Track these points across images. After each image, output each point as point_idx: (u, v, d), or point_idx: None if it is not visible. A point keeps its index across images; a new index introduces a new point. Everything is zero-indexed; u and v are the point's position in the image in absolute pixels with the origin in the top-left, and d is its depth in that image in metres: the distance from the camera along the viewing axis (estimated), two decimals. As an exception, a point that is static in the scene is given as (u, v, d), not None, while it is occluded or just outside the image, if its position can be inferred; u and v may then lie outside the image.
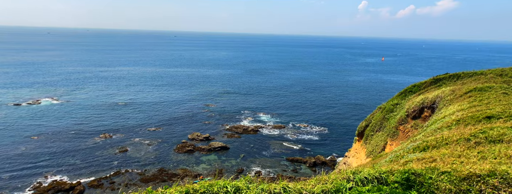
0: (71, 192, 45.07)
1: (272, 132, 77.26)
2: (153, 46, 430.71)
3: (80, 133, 70.83)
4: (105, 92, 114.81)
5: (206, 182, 8.71)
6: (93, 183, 47.89)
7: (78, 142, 65.04)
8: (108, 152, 60.58)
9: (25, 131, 70.10)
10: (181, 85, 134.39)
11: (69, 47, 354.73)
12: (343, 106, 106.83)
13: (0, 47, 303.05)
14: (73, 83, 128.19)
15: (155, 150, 62.94)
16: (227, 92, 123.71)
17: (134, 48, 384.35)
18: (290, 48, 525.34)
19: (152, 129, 75.64)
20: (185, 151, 62.32)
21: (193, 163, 57.62)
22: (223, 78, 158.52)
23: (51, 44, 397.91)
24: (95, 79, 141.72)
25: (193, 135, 70.79)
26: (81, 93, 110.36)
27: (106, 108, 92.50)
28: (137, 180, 49.85)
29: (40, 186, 46.27)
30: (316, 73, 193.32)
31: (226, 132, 75.78)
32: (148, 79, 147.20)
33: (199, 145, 65.89)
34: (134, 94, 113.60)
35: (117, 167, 54.35)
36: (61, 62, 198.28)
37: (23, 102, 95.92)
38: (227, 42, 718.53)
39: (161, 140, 68.33)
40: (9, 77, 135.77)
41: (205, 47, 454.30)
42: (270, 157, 61.76)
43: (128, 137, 69.23)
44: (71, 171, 52.11)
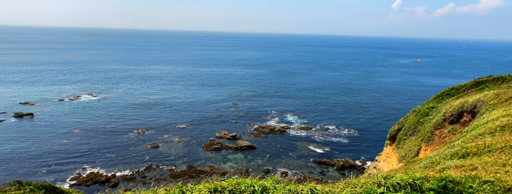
0: (106, 184, 47.80)
1: (299, 133, 76.48)
2: (185, 46, 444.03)
3: (115, 128, 74.80)
4: (139, 90, 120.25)
5: (233, 180, 8.85)
6: (126, 177, 50.41)
7: (114, 137, 68.74)
8: (141, 147, 63.41)
9: (67, 125, 75.37)
10: (210, 85, 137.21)
11: (109, 46, 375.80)
12: (374, 108, 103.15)
13: (44, 46, 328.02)
14: (110, 81, 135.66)
15: (184, 147, 64.85)
16: (254, 92, 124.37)
17: (167, 48, 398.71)
18: (319, 48, 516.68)
19: (181, 126, 78.02)
20: (213, 149, 63.58)
21: (220, 161, 58.64)
22: (251, 78, 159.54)
23: (94, 43, 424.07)
24: (130, 77, 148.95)
25: (220, 133, 72.02)
26: (117, 91, 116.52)
27: (139, 105, 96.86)
28: (167, 175, 51.71)
29: (79, 177, 49.56)
30: (346, 74, 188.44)
31: (253, 131, 76.20)
32: (179, 79, 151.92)
33: (226, 143, 66.89)
34: (165, 92, 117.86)
35: (149, 162, 56.73)
36: (100, 61, 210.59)
37: (66, 97, 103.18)
38: (255, 42, 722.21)
39: (190, 138, 70.25)
40: (54, 75, 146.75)
41: (234, 47, 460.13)
42: (296, 158, 61.20)
43: (159, 134, 71.98)
44: (107, 164, 55.23)
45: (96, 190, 45.77)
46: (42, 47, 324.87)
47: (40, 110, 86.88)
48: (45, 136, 67.49)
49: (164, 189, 8.48)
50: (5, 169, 51.81)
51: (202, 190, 8.14)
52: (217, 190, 8.09)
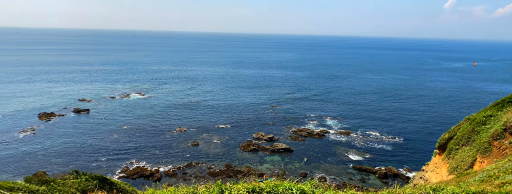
0: (150, 178, 50.74)
1: (338, 137, 74.19)
2: (223, 48, 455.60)
3: (160, 125, 79.15)
4: (182, 90, 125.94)
5: (271, 182, 8.90)
6: (168, 172, 53.03)
7: (158, 134, 72.78)
8: (182, 145, 66.30)
9: (117, 121, 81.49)
10: (248, 86, 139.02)
11: (153, 48, 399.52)
12: (423, 115, 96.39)
13: (94, 48, 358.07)
14: (156, 82, 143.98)
15: (223, 146, 66.45)
16: (293, 94, 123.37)
17: (207, 49, 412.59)
18: (360, 50, 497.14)
19: (220, 126, 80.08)
20: (250, 150, 64.26)
21: (257, 162, 59.06)
22: (289, 81, 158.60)
23: (139, 45, 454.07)
24: (174, 78, 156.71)
25: (257, 135, 72.55)
26: (162, 91, 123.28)
27: (182, 105, 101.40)
28: (206, 173, 53.41)
29: (127, 170, 53.25)
30: (391, 78, 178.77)
31: (291, 134, 75.59)
32: (219, 80, 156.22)
33: (263, 145, 67.20)
34: (206, 93, 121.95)
35: (189, 159, 59.09)
36: (147, 62, 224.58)
37: (117, 95, 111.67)
38: (292, 44, 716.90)
39: (228, 137, 71.80)
40: (107, 74, 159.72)
41: (272, 49, 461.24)
42: (335, 164, 59.42)
43: (200, 132, 74.63)
44: (151, 159, 58.63)
45: (141, 183, 48.80)
46: (92, 48, 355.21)
47: (95, 106, 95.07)
48: (98, 131, 73.69)
49: (204, 186, 8.81)
50: (65, 159, 57.49)
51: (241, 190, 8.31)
52: (255, 191, 8.20)
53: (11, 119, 79.56)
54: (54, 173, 48.83)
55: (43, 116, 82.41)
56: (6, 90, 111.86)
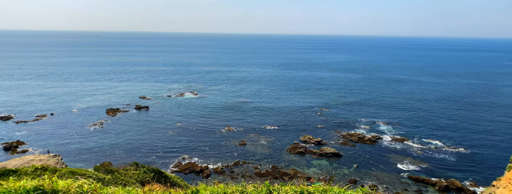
0: (200, 174, 53.18)
1: (392, 144, 69.45)
2: (273, 49, 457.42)
3: (210, 124, 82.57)
4: (231, 91, 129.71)
5: (320, 187, 8.70)
6: (217, 169, 55.05)
7: (208, 132, 76.00)
8: (230, 143, 68.26)
9: (172, 118, 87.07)
10: (297, 88, 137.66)
11: (207, 49, 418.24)
12: (496, 125, 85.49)
13: (155, 50, 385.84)
14: (208, 82, 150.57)
15: (269, 147, 66.79)
16: (344, 98, 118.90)
17: (258, 50, 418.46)
18: (419, 52, 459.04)
19: (267, 127, 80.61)
20: (297, 152, 63.53)
21: (303, 165, 58.16)
22: (340, 83, 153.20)
23: (195, 46, 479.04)
24: (224, 79, 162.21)
25: (305, 137, 71.40)
26: (213, 90, 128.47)
27: (231, 104, 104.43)
28: (252, 173, 54.23)
29: (180, 165, 56.59)
30: (457, 83, 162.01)
31: (340, 138, 72.92)
32: (268, 81, 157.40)
33: (310, 148, 65.93)
34: (254, 94, 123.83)
35: (237, 158, 60.58)
36: (201, 64, 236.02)
37: (173, 94, 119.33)
38: (344, 44, 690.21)
39: (275, 139, 71.92)
40: (165, 74, 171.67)
41: (322, 50, 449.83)
42: (388, 172, 55.73)
43: (247, 132, 76.05)
44: (201, 156, 61.46)
45: (192, 178, 51.43)
46: (153, 50, 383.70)
47: (154, 104, 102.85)
48: (155, 127, 79.57)
49: (252, 186, 8.97)
50: (127, 152, 63.21)
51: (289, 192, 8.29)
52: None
53: (84, 114, 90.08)
54: (118, 164, 53.95)
55: (110, 112, 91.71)
56: (82, 89, 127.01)
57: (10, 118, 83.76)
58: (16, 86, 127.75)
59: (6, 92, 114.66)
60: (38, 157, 51.47)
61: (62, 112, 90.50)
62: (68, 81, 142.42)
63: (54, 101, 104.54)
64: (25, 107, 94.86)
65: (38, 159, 48.95)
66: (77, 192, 7.80)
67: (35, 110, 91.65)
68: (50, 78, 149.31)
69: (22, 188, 7.45)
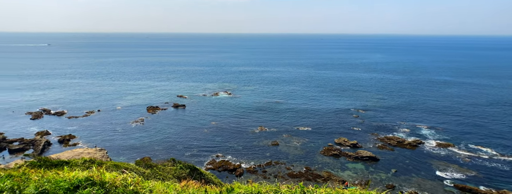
0: (233, 172, 54.09)
1: (435, 150, 65.05)
2: (303, 49, 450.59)
3: (243, 123, 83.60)
4: (265, 91, 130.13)
5: (356, 191, 8.42)
6: (249, 169, 55.59)
7: (241, 131, 77.00)
8: (263, 143, 68.55)
9: (207, 117, 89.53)
10: (332, 89, 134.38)
11: (240, 50, 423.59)
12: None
13: (191, 50, 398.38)
14: (242, 82, 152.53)
15: (302, 148, 65.97)
16: (382, 99, 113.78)
17: (287, 50, 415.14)
18: (466, 51, 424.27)
19: (301, 128, 79.66)
20: (331, 155, 62.04)
21: (337, 168, 56.66)
22: (378, 84, 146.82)
23: (229, 47, 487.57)
24: (258, 79, 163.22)
25: (339, 140, 69.48)
26: (247, 90, 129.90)
27: (264, 104, 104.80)
28: (284, 174, 53.98)
29: (214, 162, 58.04)
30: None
31: (377, 142, 69.89)
32: (301, 81, 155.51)
33: (345, 151, 64.01)
34: (287, 94, 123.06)
35: (269, 158, 60.68)
36: (235, 64, 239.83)
37: (208, 93, 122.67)
38: (380, 44, 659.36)
39: (308, 140, 70.86)
40: (200, 74, 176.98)
41: (357, 50, 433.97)
42: (430, 179, 52.31)
43: (280, 133, 75.82)
44: (235, 154, 62.46)
45: (225, 176, 52.48)
46: (189, 50, 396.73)
47: (190, 102, 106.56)
48: (191, 125, 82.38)
49: (286, 186, 8.93)
50: (165, 148, 66.21)
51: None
52: (339, 198, 7.90)
53: (127, 111, 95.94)
54: (156, 159, 56.72)
55: (150, 109, 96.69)
56: (125, 87, 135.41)
57: (63, 113, 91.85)
58: (69, 84, 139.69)
59: (60, 90, 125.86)
60: (86, 150, 55.76)
61: (107, 109, 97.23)
62: (113, 80, 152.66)
63: (101, 98, 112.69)
64: (76, 104, 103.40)
65: (86, 152, 52.98)
66: (122, 184, 8.34)
67: (85, 107, 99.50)
68: (98, 77, 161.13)
69: (76, 178, 8.14)
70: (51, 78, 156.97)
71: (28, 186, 7.75)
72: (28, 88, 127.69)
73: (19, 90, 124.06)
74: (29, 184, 7.90)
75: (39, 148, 62.87)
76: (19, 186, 7.70)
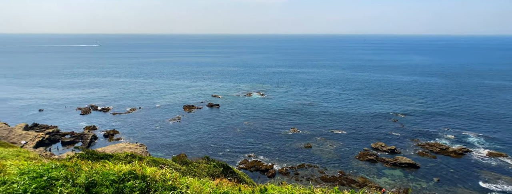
0: (265, 173, 54.20)
1: (485, 159, 59.76)
2: (342, 50, 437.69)
3: (275, 124, 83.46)
4: (298, 92, 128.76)
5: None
6: (282, 170, 55.33)
7: (274, 132, 76.92)
8: (295, 145, 67.85)
9: (240, 117, 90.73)
10: (368, 91, 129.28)
11: (274, 50, 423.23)
12: None
13: (226, 51, 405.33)
14: (275, 83, 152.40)
15: (337, 152, 64.23)
16: (423, 104, 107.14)
17: (325, 51, 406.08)
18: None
19: (335, 131, 77.61)
20: (367, 160, 59.67)
21: (374, 174, 54.33)
22: (420, 88, 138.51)
23: (262, 48, 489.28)
24: (291, 80, 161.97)
25: (376, 144, 66.56)
26: (280, 91, 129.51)
27: (297, 106, 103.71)
28: (317, 177, 52.95)
29: (246, 162, 58.64)
30: None
31: (417, 148, 65.89)
32: (336, 83, 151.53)
33: (382, 156, 61.18)
34: (322, 96, 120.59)
35: (302, 160, 59.91)
36: (268, 65, 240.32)
37: (241, 94, 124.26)
38: (419, 45, 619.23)
39: (343, 144, 68.82)
40: (234, 74, 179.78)
41: (396, 51, 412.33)
42: (478, 191, 48.16)
43: (313, 135, 74.52)
44: (267, 155, 62.58)
45: (257, 176, 52.77)
46: (224, 51, 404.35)
47: (224, 102, 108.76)
48: (225, 124, 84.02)
49: (320, 190, 8.77)
50: (199, 145, 68.26)
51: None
52: (376, 205, 7.61)
53: (165, 109, 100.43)
54: (191, 156, 58.66)
55: (186, 108, 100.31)
56: (164, 86, 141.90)
57: (108, 109, 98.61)
58: (114, 83, 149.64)
59: (106, 88, 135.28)
60: (128, 145, 59.24)
61: (148, 107, 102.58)
62: (153, 80, 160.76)
63: (143, 96, 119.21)
64: (120, 101, 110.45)
65: (128, 147, 56.30)
66: (161, 179, 8.76)
67: (128, 104, 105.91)
68: (140, 77, 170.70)
69: (120, 171, 8.71)
70: (99, 76, 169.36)
71: (79, 176, 8.45)
72: (79, 86, 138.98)
73: (71, 87, 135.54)
74: (80, 174, 8.61)
75: (87, 141, 68.12)
76: (72, 176, 8.43)
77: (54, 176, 8.27)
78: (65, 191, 7.65)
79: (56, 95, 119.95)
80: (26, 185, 7.67)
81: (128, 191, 7.87)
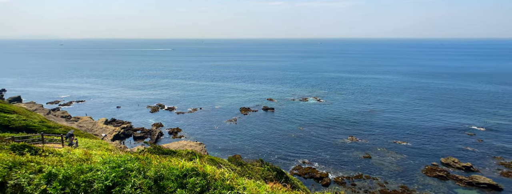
0: (320, 181, 52.65)
1: None
2: (413, 55, 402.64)
3: (332, 131, 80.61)
4: (358, 99, 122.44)
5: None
6: (337, 179, 53.13)
7: (330, 139, 74.36)
8: (353, 154, 64.55)
9: (295, 122, 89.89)
10: (441, 101, 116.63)
11: (335, 54, 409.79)
12: None
13: (282, 55, 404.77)
14: (333, 88, 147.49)
15: (399, 164, 59.27)
16: (506, 115, 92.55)
17: (393, 56, 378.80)
18: None
19: (398, 142, 71.74)
20: (435, 176, 53.79)
21: (443, 192, 48.67)
22: (506, 98, 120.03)
23: (322, 52, 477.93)
24: (351, 85, 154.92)
25: (447, 160, 59.56)
26: (338, 97, 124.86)
27: (356, 113, 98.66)
28: (376, 190, 49.54)
29: (300, 168, 57.79)
30: None
31: (499, 167, 57.10)
32: (400, 91, 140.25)
33: (455, 173, 54.48)
34: (384, 103, 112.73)
35: (359, 171, 56.71)
36: (326, 69, 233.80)
37: (297, 98, 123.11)
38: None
39: (407, 156, 63.21)
40: (291, 78, 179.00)
41: (482, 56, 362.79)
42: None
43: (373, 145, 70.00)
44: (322, 162, 60.78)
45: (311, 184, 51.55)
46: (279, 55, 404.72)
47: (279, 106, 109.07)
48: (279, 128, 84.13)
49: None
50: (253, 148, 69.52)
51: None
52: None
53: (223, 110, 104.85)
54: (246, 158, 60.08)
55: (243, 110, 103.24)
56: (224, 89, 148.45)
57: (173, 109, 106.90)
58: (180, 84, 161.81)
59: (172, 89, 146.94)
60: (189, 143, 63.26)
61: (208, 108, 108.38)
62: (214, 82, 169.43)
63: (204, 97, 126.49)
64: (183, 101, 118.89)
65: (189, 145, 60.12)
66: (220, 177, 9.21)
67: (190, 104, 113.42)
68: (202, 79, 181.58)
69: (184, 167, 9.41)
70: (167, 78, 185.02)
71: (149, 169, 9.38)
72: (150, 86, 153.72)
73: (144, 87, 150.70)
74: (150, 167, 9.55)
75: (154, 137, 74.78)
76: (143, 168, 9.40)
77: (129, 167, 9.33)
78: (138, 181, 8.57)
79: (131, 94, 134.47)
80: (107, 173, 8.80)
81: (190, 187, 8.47)
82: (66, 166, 9.62)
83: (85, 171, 9.23)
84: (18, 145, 14.33)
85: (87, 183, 8.60)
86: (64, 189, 8.44)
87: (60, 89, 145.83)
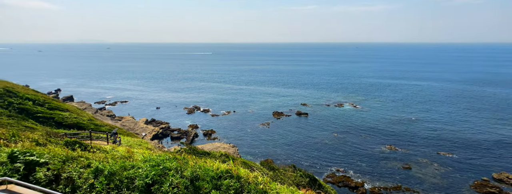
0: (355, 190, 50.63)
1: None
2: (461, 61, 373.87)
3: (368, 139, 77.25)
4: (398, 106, 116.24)
5: None
6: (373, 190, 50.68)
7: (366, 147, 71.30)
8: (392, 164, 61.23)
9: (330, 128, 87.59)
10: (492, 110, 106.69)
11: (374, 59, 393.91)
12: None
13: (318, 59, 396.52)
14: (371, 94, 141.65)
15: (444, 177, 55.02)
16: None
17: (433, 61, 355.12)
18: None
19: (442, 153, 66.71)
20: (486, 192, 49.10)
21: (494, 212, 44.20)
22: None
23: (359, 57, 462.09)
24: (391, 92, 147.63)
25: (500, 175, 54.12)
26: (375, 104, 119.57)
27: (395, 121, 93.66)
28: (416, 203, 46.40)
29: (334, 176, 56.06)
30: None
31: None
32: (446, 99, 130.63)
33: (509, 190, 49.28)
34: (427, 112, 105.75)
35: (398, 182, 53.62)
36: (363, 75, 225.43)
37: (332, 104, 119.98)
38: None
39: (452, 169, 58.50)
40: (327, 83, 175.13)
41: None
42: None
43: (413, 155, 65.86)
44: (357, 171, 58.42)
45: (345, 193, 49.70)
46: (315, 59, 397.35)
47: (313, 111, 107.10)
48: (313, 134, 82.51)
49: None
50: (286, 153, 68.81)
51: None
52: None
53: (257, 114, 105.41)
54: (278, 163, 59.67)
55: (276, 114, 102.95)
56: (258, 92, 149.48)
57: (208, 111, 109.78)
58: (216, 87, 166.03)
59: (208, 92, 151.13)
60: (222, 145, 64.42)
61: (241, 111, 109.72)
62: (248, 86, 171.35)
63: (238, 101, 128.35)
64: (218, 104, 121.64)
65: (222, 147, 61.19)
66: (254, 181, 9.26)
67: (224, 107, 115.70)
68: (237, 83, 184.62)
69: (219, 169, 9.59)
70: (204, 81, 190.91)
71: (186, 169, 9.71)
72: (188, 88, 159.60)
73: (182, 89, 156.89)
74: (187, 167, 9.89)
75: (190, 138, 77.27)
76: (180, 168, 9.77)
77: (167, 166, 9.75)
78: (175, 181, 8.92)
79: (170, 95, 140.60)
80: (148, 171, 9.27)
81: (224, 189, 8.63)
82: (111, 162, 10.32)
83: (128, 168, 9.82)
84: (70, 141, 15.64)
85: (129, 180, 9.14)
86: (109, 184, 9.04)
87: (106, 90, 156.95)
